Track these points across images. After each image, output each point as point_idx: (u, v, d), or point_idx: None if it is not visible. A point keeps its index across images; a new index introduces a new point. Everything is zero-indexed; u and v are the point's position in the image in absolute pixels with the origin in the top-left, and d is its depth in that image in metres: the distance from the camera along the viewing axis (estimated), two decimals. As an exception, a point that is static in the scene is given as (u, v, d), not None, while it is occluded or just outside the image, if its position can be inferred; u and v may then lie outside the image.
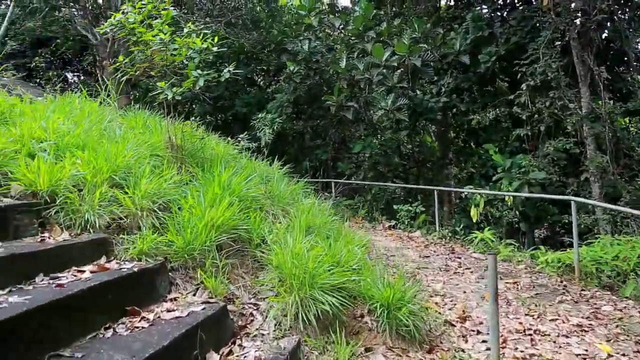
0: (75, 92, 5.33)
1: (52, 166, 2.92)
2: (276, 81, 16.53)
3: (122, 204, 2.97)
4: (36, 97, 5.91)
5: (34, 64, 16.68)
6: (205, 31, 4.12)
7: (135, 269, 2.46)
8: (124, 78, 4.12)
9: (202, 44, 3.89)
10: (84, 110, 4.49)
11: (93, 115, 4.43)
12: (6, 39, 17.22)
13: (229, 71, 3.96)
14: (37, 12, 14.29)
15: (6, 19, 16.10)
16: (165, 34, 3.79)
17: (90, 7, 13.16)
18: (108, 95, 5.41)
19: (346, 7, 16.28)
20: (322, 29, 15.28)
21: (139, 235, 2.82)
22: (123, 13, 4.01)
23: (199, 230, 2.93)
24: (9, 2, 16.60)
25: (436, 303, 4.19)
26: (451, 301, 4.37)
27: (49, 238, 2.60)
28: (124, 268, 2.48)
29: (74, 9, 13.73)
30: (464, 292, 4.72)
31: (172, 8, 4.06)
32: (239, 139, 6.48)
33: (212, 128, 14.86)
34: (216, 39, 4.03)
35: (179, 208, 3.20)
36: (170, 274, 2.77)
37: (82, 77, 18.21)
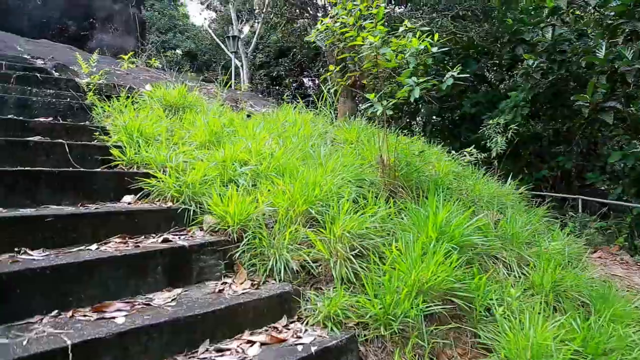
0: (308, 98, 5.79)
1: (244, 197, 2.93)
2: (510, 77, 15.59)
3: (314, 246, 2.70)
4: (259, 110, 6.79)
5: (276, 72, 20.65)
6: (424, 28, 3.67)
7: (314, 349, 2.00)
8: (333, 89, 4.11)
9: (419, 44, 3.45)
10: (296, 124, 4.65)
11: (305, 129, 4.52)
12: (255, 52, 22.18)
13: (452, 76, 3.49)
14: (277, 26, 17.65)
15: (255, 35, 20.78)
16: (375, 37, 3.50)
17: (320, 16, 14.98)
18: (326, 104, 5.60)
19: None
20: (570, 11, 12.65)
21: (326, 295, 2.42)
22: (331, 17, 3.97)
23: (402, 296, 2.28)
24: (258, 21, 21.15)
25: None
26: None
27: (230, 286, 2.49)
28: (301, 343, 2.07)
29: (306, 19, 16.01)
30: None
31: (392, 6, 3.81)
32: (465, 153, 5.62)
33: (437, 130, 14.53)
34: (436, 36, 3.56)
35: (380, 257, 2.67)
36: (361, 348, 2.23)
37: (316, 82, 21.23)
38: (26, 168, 2.74)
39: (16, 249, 2.14)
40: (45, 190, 2.68)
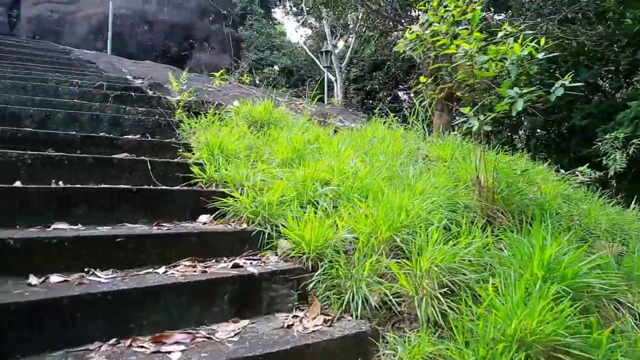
0: (402, 112, 5.57)
1: (322, 221, 2.76)
2: (628, 84, 14.10)
3: (397, 279, 2.43)
4: (348, 125, 6.64)
5: (370, 86, 20.51)
6: (527, 32, 3.30)
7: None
8: (425, 103, 3.88)
9: (522, 50, 3.09)
10: (385, 140, 4.42)
11: (394, 146, 4.27)
12: (350, 66, 22.32)
13: (563, 86, 3.07)
14: (371, 40, 17.57)
15: (349, 49, 20.96)
16: (470, 44, 3.20)
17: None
18: (419, 118, 5.30)
19: None
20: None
21: (408, 338, 2.13)
22: (421, 25, 3.77)
23: (499, 349, 1.91)
24: (351, 36, 21.32)
25: None
26: None
27: (301, 320, 2.30)
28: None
29: (400, 32, 15.69)
30: None
31: (491, 14, 3.54)
32: (576, 172, 4.90)
33: (542, 144, 13.13)
34: (542, 41, 3.16)
35: (473, 296, 2.31)
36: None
37: (411, 95, 20.69)
38: (107, 186, 2.85)
39: (86, 269, 2.18)
40: (123, 208, 2.75)
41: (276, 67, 25.62)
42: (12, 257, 2.06)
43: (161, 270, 2.29)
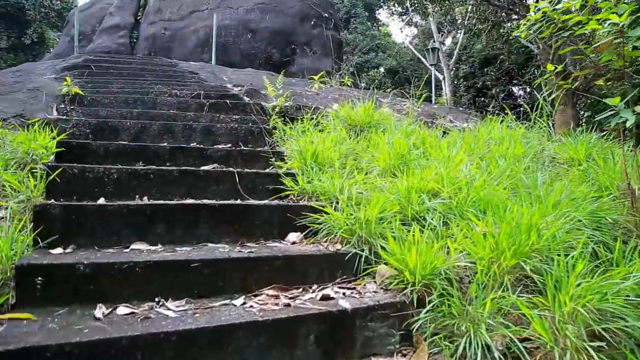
0: (518, 108, 4.83)
1: (430, 242, 2.29)
2: None
3: (530, 322, 1.87)
4: (459, 125, 5.94)
5: (481, 83, 18.92)
6: None
7: None
8: (554, 95, 3.21)
9: None
10: (503, 141, 3.76)
11: (515, 148, 3.60)
12: (458, 64, 20.92)
13: None
14: (481, 33, 16.16)
15: (458, 45, 19.65)
16: (620, 15, 2.55)
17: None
18: (542, 116, 4.48)
19: None
20: None
21: None
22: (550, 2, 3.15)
23: None
24: (460, 31, 20.00)
25: None
26: None
27: (406, 372, 1.89)
28: None
29: (514, 22, 14.17)
30: None
31: None
32: None
33: None
34: None
35: (631, 351, 1.66)
36: None
37: (527, 90, 18.67)
38: (189, 201, 2.67)
39: (157, 299, 1.97)
40: (205, 225, 2.54)
41: (381, 69, 25.28)
42: (81, 284, 1.92)
43: (239, 301, 2.00)
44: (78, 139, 3.70)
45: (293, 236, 2.67)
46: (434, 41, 19.54)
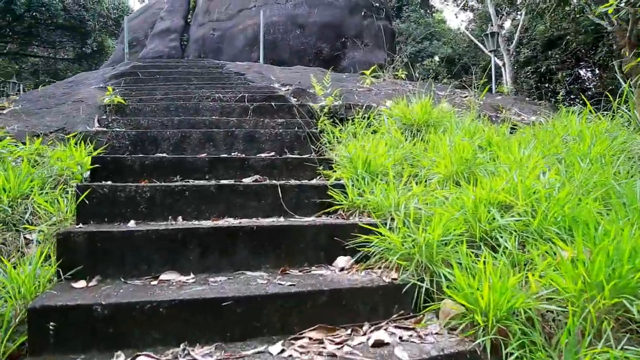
0: (585, 94, 4.23)
1: (505, 272, 1.91)
2: None
3: None
4: (527, 119, 5.35)
5: (545, 67, 17.54)
6: None
7: None
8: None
9: None
10: (584, 139, 3.23)
11: (598, 146, 3.08)
12: (519, 47, 19.56)
13: None
14: (545, 12, 14.90)
15: (518, 28, 18.42)
16: None
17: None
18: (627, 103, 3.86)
19: None
20: None
21: None
22: None
23: None
24: (520, 12, 18.72)
25: None
26: None
27: None
28: None
29: None
30: None
31: None
32: None
33: None
34: None
35: None
36: None
37: (596, 72, 17.05)
38: (225, 223, 2.43)
39: (182, 345, 1.73)
40: (242, 250, 2.29)
41: (436, 58, 24.42)
42: (100, 327, 1.71)
43: (276, 348, 1.72)
44: (117, 151, 3.59)
45: (342, 261, 2.36)
46: (492, 25, 18.50)
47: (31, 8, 19.12)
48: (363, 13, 11.01)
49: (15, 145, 3.53)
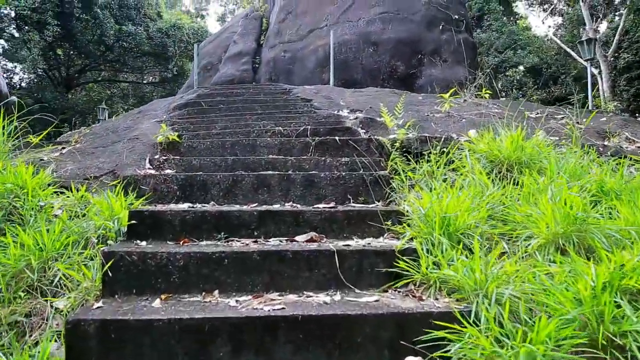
0: None
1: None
2: None
3: None
4: None
5: None
6: None
7: None
8: None
9: None
10: None
11: None
12: (617, 53, 17.52)
13: None
14: None
15: (618, 30, 16.51)
16: None
17: None
18: None
19: None
20: None
21: None
22: None
23: None
24: (620, 12, 16.80)
25: None
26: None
27: None
28: None
29: None
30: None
31: None
32: None
33: None
34: None
35: None
36: None
37: None
38: (259, 311, 1.97)
39: None
40: (284, 346, 1.84)
41: (521, 68, 22.92)
42: None
43: None
44: (164, 197, 3.31)
45: (411, 364, 1.83)
46: (587, 29, 16.87)
47: (120, 38, 20.43)
48: (441, 27, 10.34)
49: (62, 193, 3.37)
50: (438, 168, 3.45)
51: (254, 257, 2.29)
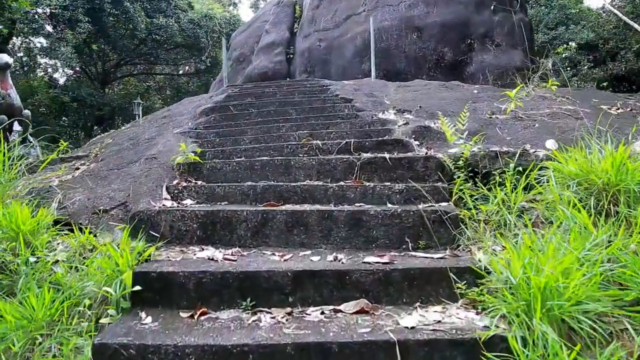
0: None
1: None
2: None
3: None
4: None
5: None
6: None
7: None
8: None
9: None
10: None
11: None
12: None
13: None
14: None
15: None
16: None
17: None
18: None
19: None
20: None
21: None
22: None
23: None
24: None
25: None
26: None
27: None
28: None
29: None
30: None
31: None
32: None
33: None
34: None
35: None
36: None
37: None
38: None
39: None
40: None
41: (572, 44, 21.33)
42: None
43: None
44: (182, 239, 2.81)
45: None
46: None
47: (152, 31, 20.27)
48: (493, 7, 9.40)
49: (66, 234, 2.91)
50: (515, 195, 2.78)
51: (288, 350, 1.73)
